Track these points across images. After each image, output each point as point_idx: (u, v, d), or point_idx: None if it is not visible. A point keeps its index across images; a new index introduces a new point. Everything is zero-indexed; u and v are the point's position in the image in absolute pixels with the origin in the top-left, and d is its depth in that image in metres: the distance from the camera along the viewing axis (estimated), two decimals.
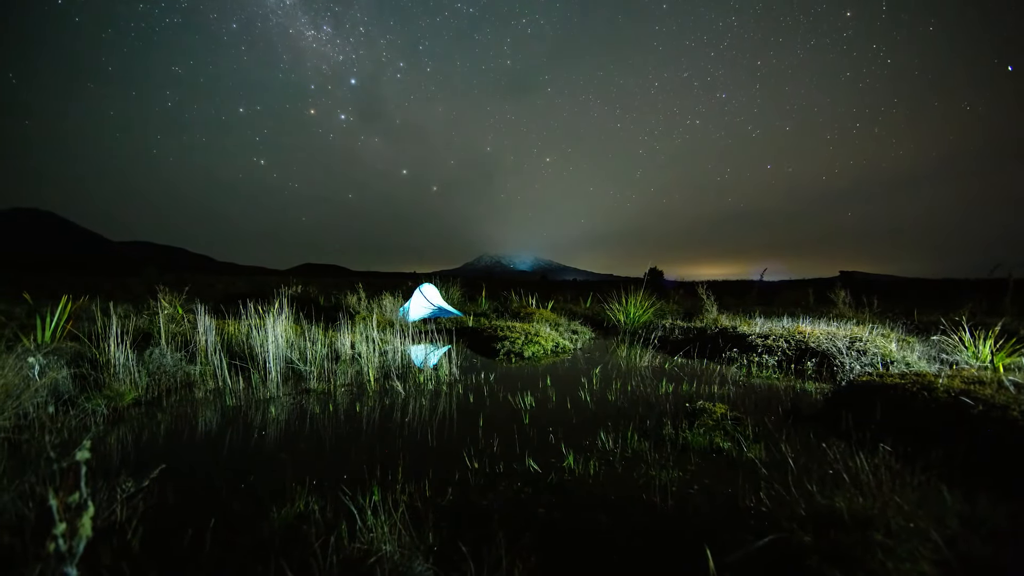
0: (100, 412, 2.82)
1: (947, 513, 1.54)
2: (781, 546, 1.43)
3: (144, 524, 1.57)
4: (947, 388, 2.59)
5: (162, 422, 2.77)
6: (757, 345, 4.91)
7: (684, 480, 1.97)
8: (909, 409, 2.57)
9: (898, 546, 1.35)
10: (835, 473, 1.91)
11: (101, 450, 2.30)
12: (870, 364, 4.08)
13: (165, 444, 2.42)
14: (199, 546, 1.48)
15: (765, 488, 1.84)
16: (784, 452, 2.21)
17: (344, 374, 3.98)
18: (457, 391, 3.52)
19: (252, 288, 12.95)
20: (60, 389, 2.98)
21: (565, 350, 5.55)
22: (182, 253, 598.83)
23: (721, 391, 3.54)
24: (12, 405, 2.48)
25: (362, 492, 1.83)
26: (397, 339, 4.68)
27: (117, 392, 3.07)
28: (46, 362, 3.08)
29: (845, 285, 9.16)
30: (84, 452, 1.11)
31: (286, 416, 2.90)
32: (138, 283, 12.69)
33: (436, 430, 2.64)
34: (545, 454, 2.27)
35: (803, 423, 2.74)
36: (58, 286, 10.69)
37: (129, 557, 1.40)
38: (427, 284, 8.08)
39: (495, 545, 1.46)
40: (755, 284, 15.43)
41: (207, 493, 1.87)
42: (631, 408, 3.08)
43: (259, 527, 1.59)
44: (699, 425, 2.58)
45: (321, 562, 1.36)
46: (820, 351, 4.43)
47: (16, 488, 1.70)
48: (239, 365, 3.88)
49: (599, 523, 1.64)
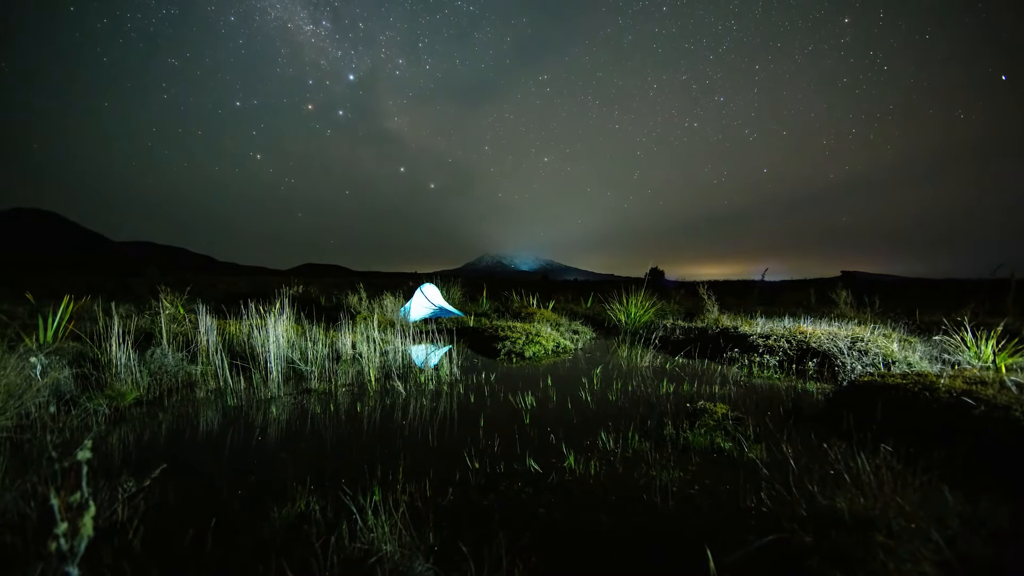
0: (102, 412, 2.83)
1: (949, 513, 1.54)
2: (782, 546, 1.43)
3: (145, 523, 1.58)
4: (949, 388, 2.58)
5: (163, 422, 2.77)
6: (758, 345, 4.90)
7: (685, 480, 1.97)
8: (911, 409, 2.56)
9: (899, 547, 1.35)
10: (836, 473, 1.91)
11: (103, 450, 2.31)
12: (872, 364, 4.07)
13: (166, 444, 2.43)
14: (200, 546, 1.48)
15: (766, 488, 1.84)
16: (785, 452, 2.20)
17: (345, 374, 3.98)
18: (458, 391, 3.52)
19: (253, 288, 12.97)
20: (62, 389, 2.99)
21: (566, 350, 5.55)
22: (183, 253, 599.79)
23: (722, 391, 3.54)
24: (14, 405, 2.49)
25: (363, 492, 1.83)
26: (398, 339, 4.68)
27: (119, 392, 3.08)
28: (48, 362, 3.09)
29: (847, 285, 9.14)
30: (85, 452, 1.11)
31: (287, 416, 2.90)
32: (140, 283, 12.72)
33: (437, 430, 2.64)
34: (546, 454, 2.27)
35: (804, 423, 2.73)
36: (60, 286, 10.72)
37: (130, 556, 1.40)
38: (428, 284, 8.08)
39: (495, 545, 1.46)
40: (756, 284, 15.41)
41: (208, 493, 1.87)
42: (632, 408, 3.08)
43: (260, 527, 1.60)
44: (700, 425, 2.57)
45: (322, 562, 1.36)
46: (821, 351, 4.42)
47: (18, 488, 1.70)
48: (240, 365, 3.89)
49: (600, 523, 1.64)
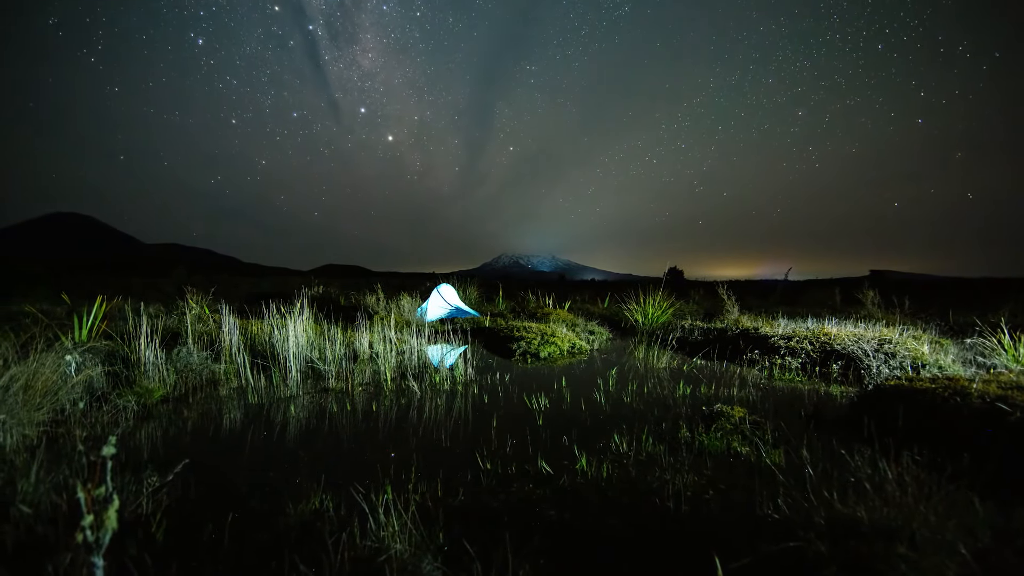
0: (131, 408, 2.94)
1: (978, 525, 1.47)
2: (797, 555, 1.39)
3: (168, 517, 1.64)
4: (982, 393, 2.47)
5: (188, 418, 2.87)
6: (780, 347, 4.78)
7: (698, 485, 1.94)
8: (940, 415, 2.46)
9: (922, 559, 1.30)
10: (857, 481, 1.85)
11: (130, 445, 2.40)
12: (899, 367, 3.92)
13: (190, 440, 2.51)
14: (219, 539, 1.53)
15: (783, 495, 1.79)
16: (804, 458, 2.14)
17: (362, 373, 4.05)
18: (472, 391, 3.54)
19: (275, 288, 13.30)
20: (94, 385, 3.12)
21: (581, 351, 5.52)
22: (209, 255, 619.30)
23: (741, 394, 3.46)
24: (50, 400, 2.61)
25: (375, 491, 1.86)
26: (414, 339, 4.73)
27: (146, 389, 3.20)
28: (82, 360, 3.23)
29: (874, 284, 8.83)
30: (110, 448, 1.16)
31: (305, 414, 2.97)
32: (168, 284, 13.19)
33: (450, 430, 2.66)
34: (558, 456, 2.27)
35: (826, 428, 2.65)
36: (94, 287, 11.19)
37: (152, 549, 1.45)
38: (445, 284, 8.15)
39: (504, 546, 1.46)
40: (779, 284, 15.02)
41: (228, 488, 1.93)
42: (647, 410, 3.04)
43: (276, 522, 1.64)
44: (716, 429, 2.52)
45: (333, 558, 1.39)
46: (846, 353, 4.28)
47: (51, 480, 1.79)
48: (261, 364, 3.99)
49: (610, 526, 1.63)
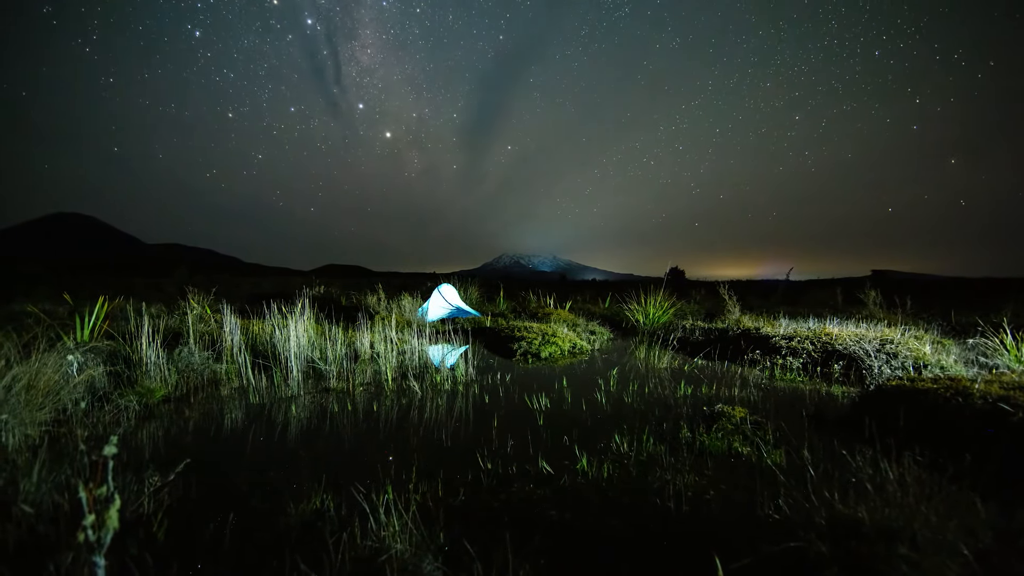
0: (132, 408, 2.95)
1: (979, 525, 1.47)
2: (797, 555, 1.39)
3: (169, 517, 1.64)
4: (984, 394, 2.46)
5: (189, 418, 2.87)
6: (781, 347, 4.77)
7: (699, 485, 1.93)
8: (942, 415, 2.45)
9: (924, 559, 1.29)
10: (858, 481, 1.84)
11: (132, 444, 2.41)
12: (901, 368, 3.91)
13: (191, 440, 2.52)
14: (220, 539, 1.53)
15: (784, 495, 1.79)
16: (805, 458, 2.14)
17: (363, 373, 4.05)
18: (473, 391, 3.54)
19: (277, 288, 13.32)
20: (96, 385, 3.13)
21: (582, 351, 5.52)
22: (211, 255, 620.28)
23: (742, 394, 3.46)
24: (52, 400, 2.62)
25: (376, 491, 1.86)
26: (415, 339, 4.74)
27: (148, 389, 3.20)
28: (84, 359, 3.24)
29: (876, 284, 8.82)
30: (111, 448, 1.16)
31: (306, 414, 2.97)
32: (170, 284, 13.22)
33: (451, 430, 2.66)
34: (559, 456, 2.27)
35: (827, 428, 2.65)
36: (96, 287, 11.22)
37: (154, 548, 1.46)
38: (446, 284, 8.15)
39: (505, 546, 1.46)
40: (780, 284, 15.00)
41: (229, 488, 1.93)
42: (647, 411, 3.04)
43: (277, 522, 1.64)
44: (717, 429, 2.52)
45: (333, 558, 1.39)
46: (847, 354, 4.27)
47: (53, 480, 1.80)
48: (262, 364, 4.00)
49: (610, 527, 1.63)
